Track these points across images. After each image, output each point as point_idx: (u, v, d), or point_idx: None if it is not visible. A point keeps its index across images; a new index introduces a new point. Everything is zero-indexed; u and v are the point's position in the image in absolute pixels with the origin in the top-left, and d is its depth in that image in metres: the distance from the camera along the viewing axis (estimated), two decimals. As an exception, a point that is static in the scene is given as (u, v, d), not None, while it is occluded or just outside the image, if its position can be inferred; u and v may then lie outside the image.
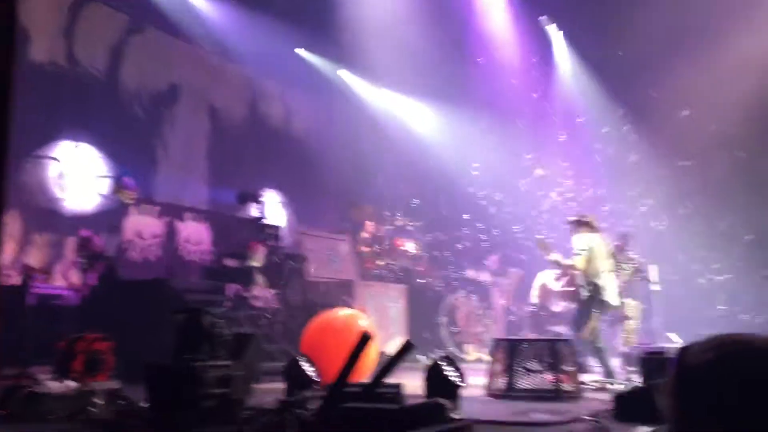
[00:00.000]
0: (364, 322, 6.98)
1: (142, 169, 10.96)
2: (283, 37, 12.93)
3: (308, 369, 5.38)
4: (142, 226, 8.82)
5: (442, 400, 3.97)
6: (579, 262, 7.86)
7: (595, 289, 7.80)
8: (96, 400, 4.79)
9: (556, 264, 8.31)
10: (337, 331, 7.12)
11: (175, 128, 12.36)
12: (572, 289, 8.29)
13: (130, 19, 11.68)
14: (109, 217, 9.15)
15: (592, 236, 8.04)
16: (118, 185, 8.68)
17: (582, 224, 8.14)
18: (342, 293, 10.36)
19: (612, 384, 7.07)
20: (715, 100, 12.61)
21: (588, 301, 7.84)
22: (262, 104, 14.33)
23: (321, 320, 7.63)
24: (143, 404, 4.53)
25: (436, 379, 4.75)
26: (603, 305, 7.88)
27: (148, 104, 11.94)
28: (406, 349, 4.09)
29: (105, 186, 10.11)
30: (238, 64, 13.42)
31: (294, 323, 9.11)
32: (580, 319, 7.90)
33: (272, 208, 13.08)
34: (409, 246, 12.82)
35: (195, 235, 9.61)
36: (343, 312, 7.97)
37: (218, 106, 13.32)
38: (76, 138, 10.35)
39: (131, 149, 11.04)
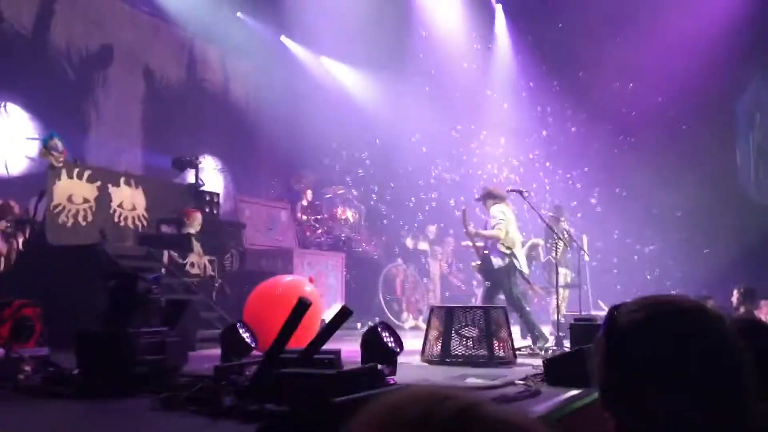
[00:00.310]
0: (309, 288, 6.89)
1: (72, 132, 10.59)
2: (224, 1, 12.65)
3: (245, 335, 5.31)
4: (73, 190, 8.53)
5: (379, 366, 3.97)
6: (500, 232, 7.99)
7: (513, 258, 8.00)
8: (24, 366, 4.64)
9: (476, 236, 8.32)
10: (279, 298, 6.99)
11: (108, 90, 11.97)
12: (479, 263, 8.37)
13: (60, -26, 11.20)
14: (38, 180, 8.84)
15: (505, 206, 8.20)
16: (47, 147, 8.36)
17: (494, 195, 8.29)
18: (281, 261, 10.32)
19: (542, 349, 7.29)
20: (653, 77, 12.94)
21: (505, 270, 8.01)
22: (200, 68, 13.99)
23: (264, 288, 7.49)
24: (73, 371, 4.42)
25: (373, 345, 4.72)
26: (519, 273, 8.11)
27: (79, 64, 11.52)
28: (343, 315, 4.04)
29: (33, 148, 9.76)
30: (176, 26, 13.04)
31: (231, 290, 9.05)
32: (494, 289, 8.09)
33: (210, 174, 12.87)
34: (349, 215, 12.81)
35: (129, 200, 9.36)
36: (286, 279, 7.85)
37: (154, 69, 12.94)
38: (1, 98, 9.94)
39: (61, 111, 10.66)
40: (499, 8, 15.24)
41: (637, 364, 1.18)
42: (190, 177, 10.84)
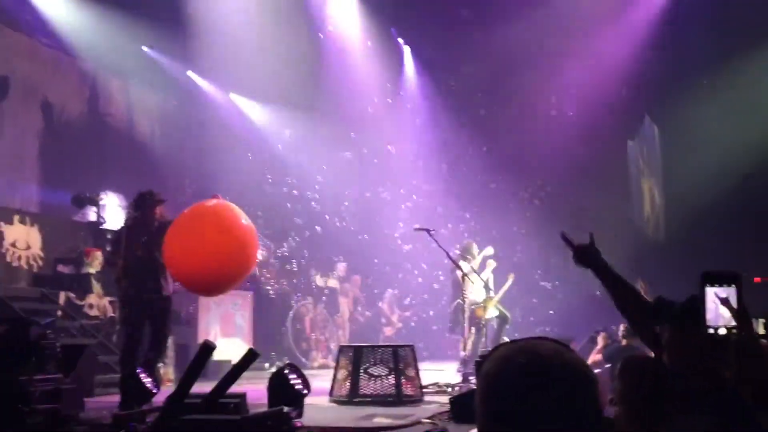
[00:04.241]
0: (213, 202, 6.48)
1: (-37, 167, 10.14)
2: (128, 32, 12.39)
3: (146, 381, 5.14)
4: (-38, 228, 8.11)
5: (285, 409, 3.93)
6: None
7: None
8: None
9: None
10: (189, 219, 6.36)
11: (3, 124, 11.46)
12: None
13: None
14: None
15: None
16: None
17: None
18: (184, 300, 9.90)
19: (449, 386, 7.38)
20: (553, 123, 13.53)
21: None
22: (103, 102, 13.59)
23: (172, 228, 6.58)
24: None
25: (280, 388, 4.69)
26: None
27: (-28, 96, 10.98)
28: (249, 357, 3.96)
29: None
30: (78, 59, 12.67)
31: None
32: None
33: (113, 211, 12.46)
34: (258, 253, 12.67)
35: (23, 239, 8.96)
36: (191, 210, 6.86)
37: (54, 102, 12.47)
38: None
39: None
40: (407, 51, 15.61)
41: (494, 414, 1.24)
42: (91, 215, 10.48)
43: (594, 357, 8.24)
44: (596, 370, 7.62)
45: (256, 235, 6.42)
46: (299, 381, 4.83)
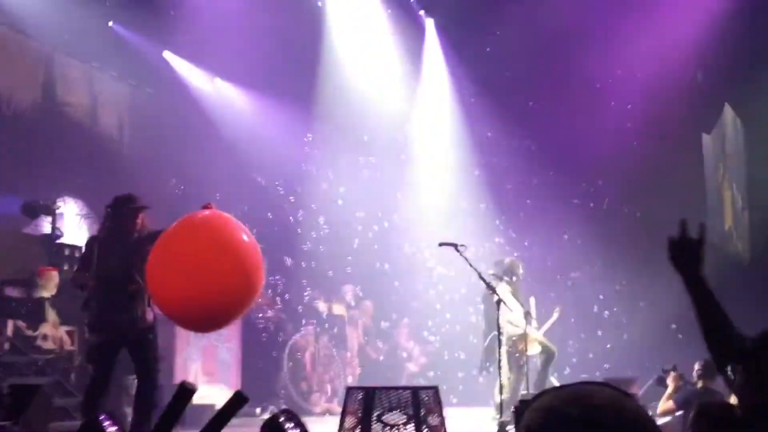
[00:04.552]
0: (206, 213, 6.28)
1: None
2: (92, 6, 12.49)
3: (111, 430, 5.16)
4: None
5: (280, 465, 3.92)
6: None
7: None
8: None
9: None
10: (172, 238, 6.14)
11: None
12: None
13: None
14: None
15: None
16: None
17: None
18: (159, 331, 10.03)
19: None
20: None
21: None
22: (61, 89, 13.69)
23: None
24: None
25: (274, 438, 4.68)
26: None
27: None
28: (237, 402, 3.94)
29: None
30: (30, 37, 12.77)
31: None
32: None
33: (71, 222, 12.55)
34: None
35: (-38, 256, 9.09)
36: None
37: (1, 91, 12.61)
38: None
39: None
40: (430, 24, 15.63)
41: None
42: (45, 226, 10.54)
43: (665, 405, 8.20)
44: (666, 419, 7.67)
45: (261, 256, 6.20)
46: (297, 430, 4.82)
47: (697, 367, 8.00)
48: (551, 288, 12.89)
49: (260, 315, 12.26)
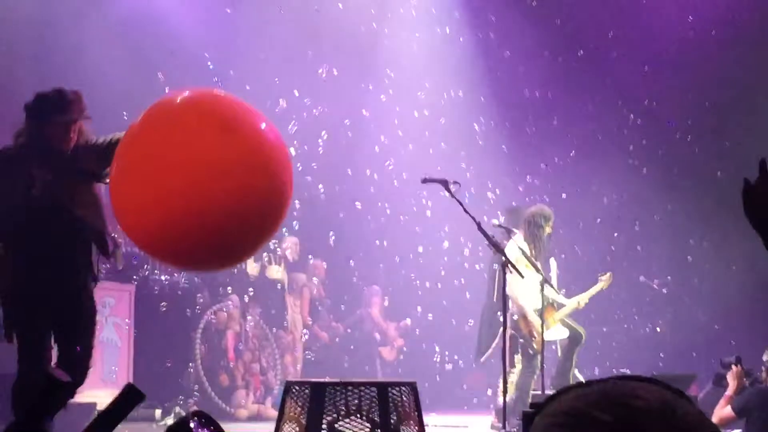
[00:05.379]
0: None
1: None
2: None
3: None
4: None
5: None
6: None
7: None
8: None
9: None
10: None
11: None
12: None
13: None
14: None
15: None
16: None
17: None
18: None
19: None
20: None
21: None
22: None
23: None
24: None
25: (180, 452, 4.92)
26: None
27: None
28: (129, 400, 3.28)
29: None
30: None
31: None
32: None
33: None
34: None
35: None
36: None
37: None
38: None
39: None
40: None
41: None
42: None
43: (721, 412, 7.22)
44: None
45: (288, 153, 5.10)
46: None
47: (766, 358, 7.47)
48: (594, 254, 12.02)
49: (163, 278, 10.29)
